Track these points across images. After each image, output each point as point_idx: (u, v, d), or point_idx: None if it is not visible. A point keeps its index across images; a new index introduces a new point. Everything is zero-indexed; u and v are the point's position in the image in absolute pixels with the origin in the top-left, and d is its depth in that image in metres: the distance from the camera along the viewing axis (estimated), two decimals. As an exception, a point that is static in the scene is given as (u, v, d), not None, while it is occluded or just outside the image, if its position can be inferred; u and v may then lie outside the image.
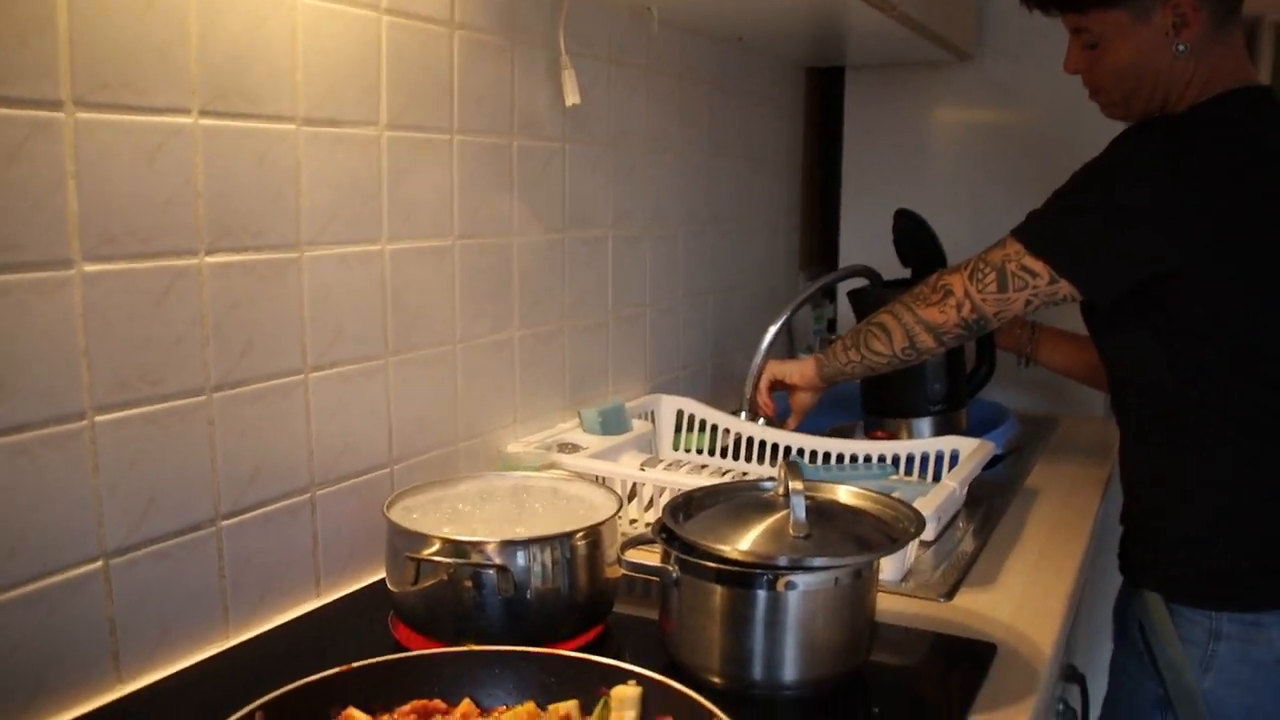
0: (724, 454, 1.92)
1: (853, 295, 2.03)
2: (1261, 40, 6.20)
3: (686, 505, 1.18)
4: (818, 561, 1.04)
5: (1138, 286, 1.44)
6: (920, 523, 1.13)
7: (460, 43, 1.46)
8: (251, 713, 0.83)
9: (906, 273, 2.04)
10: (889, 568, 1.39)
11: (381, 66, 1.34)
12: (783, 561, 1.04)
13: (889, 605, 1.33)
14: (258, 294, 1.19)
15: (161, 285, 1.08)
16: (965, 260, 1.57)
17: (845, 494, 1.21)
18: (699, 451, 1.94)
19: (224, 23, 1.12)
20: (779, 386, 1.87)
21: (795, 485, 1.09)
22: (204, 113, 1.11)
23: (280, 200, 1.21)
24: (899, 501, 1.18)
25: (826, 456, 1.80)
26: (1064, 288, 1.47)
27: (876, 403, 2.05)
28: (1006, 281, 1.50)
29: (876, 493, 1.20)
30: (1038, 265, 1.47)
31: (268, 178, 1.19)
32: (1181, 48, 1.44)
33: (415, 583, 1.12)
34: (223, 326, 1.15)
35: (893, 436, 1.98)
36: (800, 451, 1.81)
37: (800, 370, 1.82)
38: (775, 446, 1.85)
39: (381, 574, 1.25)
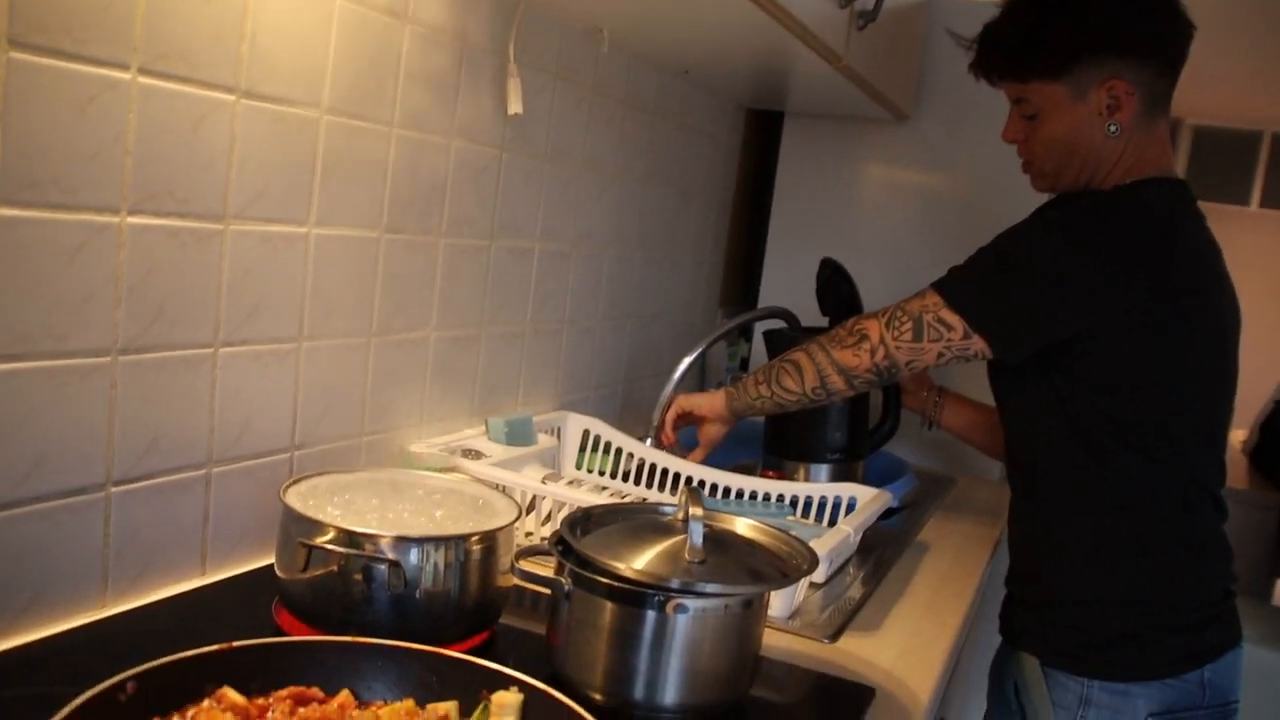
0: (625, 478, 1.92)
1: (768, 336, 2.05)
2: (1179, 141, 6.44)
3: (585, 521, 1.18)
4: (710, 587, 1.05)
5: (1045, 350, 1.48)
6: (814, 561, 1.14)
7: (410, 37, 1.46)
8: (123, 682, 0.81)
9: (824, 321, 2.07)
10: (778, 604, 1.40)
11: (329, 49, 1.33)
12: (675, 584, 1.04)
13: (774, 641, 1.34)
14: (177, 261, 1.17)
15: (79, 239, 1.06)
16: (884, 307, 1.60)
17: (743, 526, 1.22)
18: (601, 473, 1.94)
19: (175, -16, 1.11)
20: (687, 419, 1.88)
21: (695, 511, 1.09)
22: (143, 70, 1.09)
23: (211, 169, 1.19)
24: (795, 539, 1.19)
25: (726, 491, 1.81)
26: (976, 344, 1.51)
27: (778, 444, 2.07)
28: (922, 332, 1.53)
29: (774, 528, 1.22)
30: (954, 319, 1.51)
31: (201, 145, 1.17)
32: (1113, 128, 1.50)
33: (304, 570, 1.11)
34: (137, 289, 1.13)
35: (783, 477, 2.00)
36: (701, 483, 1.82)
37: (710, 403, 1.83)
38: (677, 476, 1.85)
39: (270, 560, 1.22)
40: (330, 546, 1.09)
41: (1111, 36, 1.49)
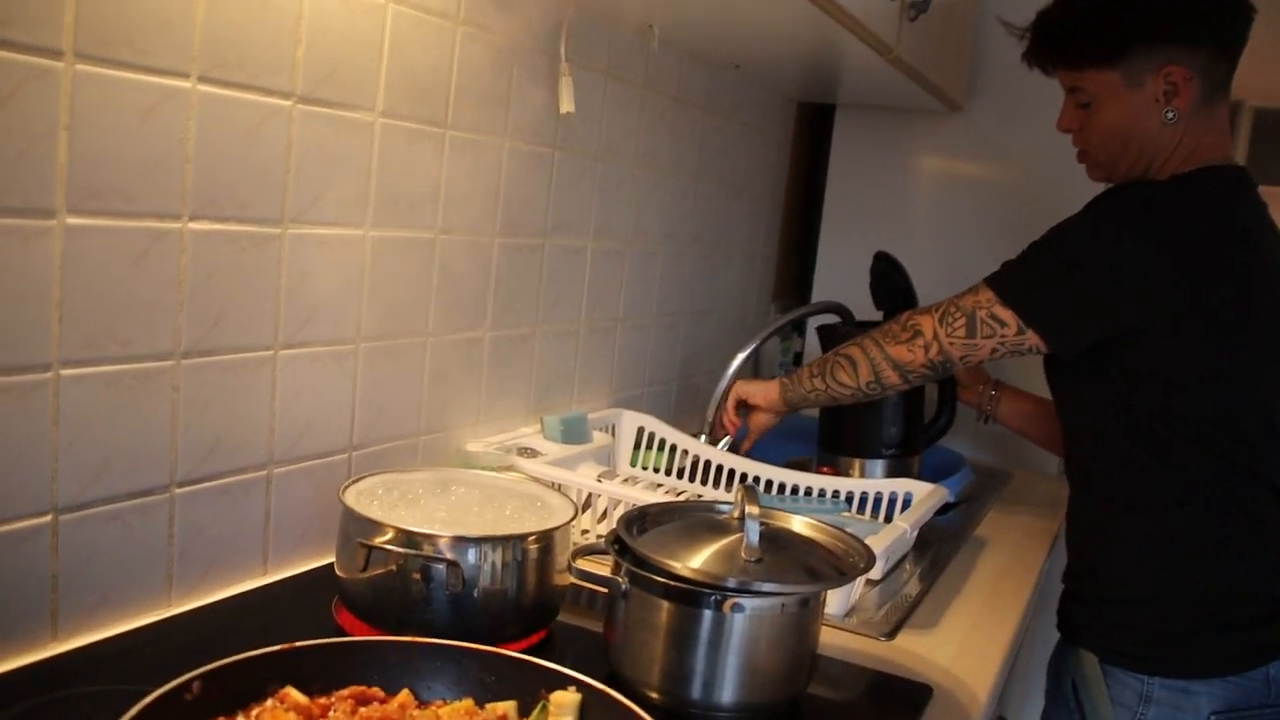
0: (680, 475, 1.92)
1: (822, 331, 2.05)
2: (1240, 124, 6.33)
3: (641, 519, 1.18)
4: (766, 586, 1.05)
5: (1101, 344, 1.47)
6: (870, 559, 1.14)
7: (463, 39, 1.47)
8: (190, 681, 0.83)
9: (878, 315, 2.06)
10: (834, 602, 1.39)
11: (383, 54, 1.34)
12: (732, 583, 1.04)
13: (831, 639, 1.34)
14: (237, 265, 1.19)
15: (141, 246, 1.08)
16: (937, 302, 1.60)
17: (799, 524, 1.22)
18: (656, 470, 1.95)
19: (233, -7, 1.12)
20: (741, 406, 1.89)
21: (751, 510, 1.09)
22: (202, 79, 1.10)
23: (269, 175, 1.21)
24: (851, 536, 1.19)
25: (781, 487, 1.81)
26: (1030, 339, 1.50)
27: (833, 439, 2.06)
28: (975, 328, 1.52)
29: (830, 525, 1.21)
30: (1007, 315, 1.50)
31: (259, 151, 1.19)
32: (1170, 115, 1.48)
33: (364, 569, 1.12)
34: (198, 294, 1.15)
35: (836, 473, 1.99)
36: (756, 480, 1.82)
37: (764, 392, 1.83)
38: (731, 472, 1.86)
39: (330, 558, 1.24)
40: (389, 546, 1.11)
41: (1167, 22, 1.47)
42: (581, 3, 1.67)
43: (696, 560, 1.07)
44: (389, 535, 1.12)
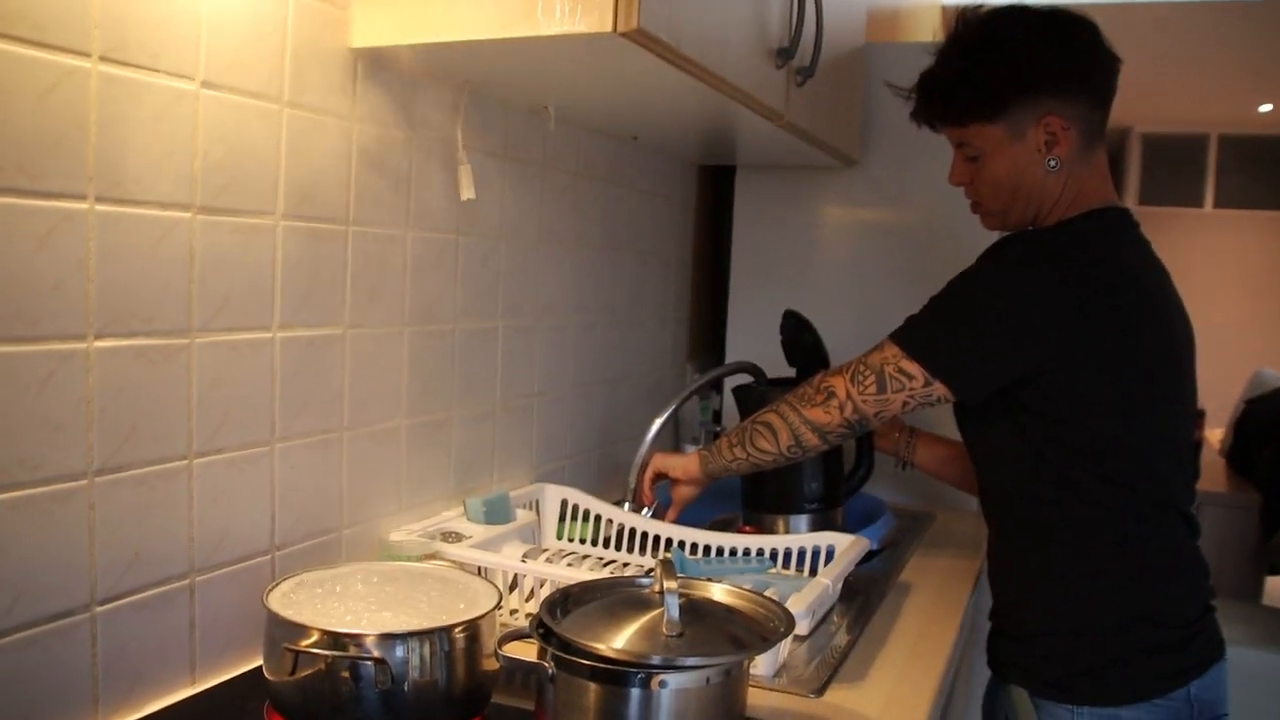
0: (607, 544, 1.94)
1: (737, 392, 2.08)
2: (1130, 149, 6.53)
3: (564, 601, 1.20)
4: (689, 661, 1.07)
5: (1006, 389, 1.52)
6: (790, 622, 1.17)
7: (359, 137, 1.49)
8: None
9: (790, 370, 2.10)
10: (762, 664, 1.41)
11: (281, 157, 1.36)
12: (656, 660, 1.06)
13: (761, 700, 1.36)
14: (146, 379, 1.20)
15: (47, 369, 1.08)
16: (847, 362, 1.64)
17: (719, 592, 1.24)
18: (582, 541, 1.96)
19: (124, 112, 1.14)
20: (662, 478, 1.91)
21: (669, 584, 1.12)
22: (100, 199, 1.12)
23: (173, 287, 1.22)
24: (771, 600, 1.22)
25: (707, 549, 1.83)
26: (938, 389, 1.54)
27: (756, 498, 2.09)
28: (885, 383, 1.57)
29: (750, 591, 1.24)
30: (913, 368, 1.55)
31: (162, 264, 1.20)
32: (1053, 164, 1.55)
33: (292, 673, 1.12)
34: (108, 411, 1.15)
35: (761, 531, 2.02)
36: (682, 544, 1.84)
37: (684, 466, 1.86)
38: (657, 538, 1.87)
39: (259, 660, 1.24)
40: (315, 650, 1.11)
41: (1041, 75, 1.54)
42: (475, 91, 1.71)
43: (620, 640, 1.08)
44: (314, 637, 1.12)
